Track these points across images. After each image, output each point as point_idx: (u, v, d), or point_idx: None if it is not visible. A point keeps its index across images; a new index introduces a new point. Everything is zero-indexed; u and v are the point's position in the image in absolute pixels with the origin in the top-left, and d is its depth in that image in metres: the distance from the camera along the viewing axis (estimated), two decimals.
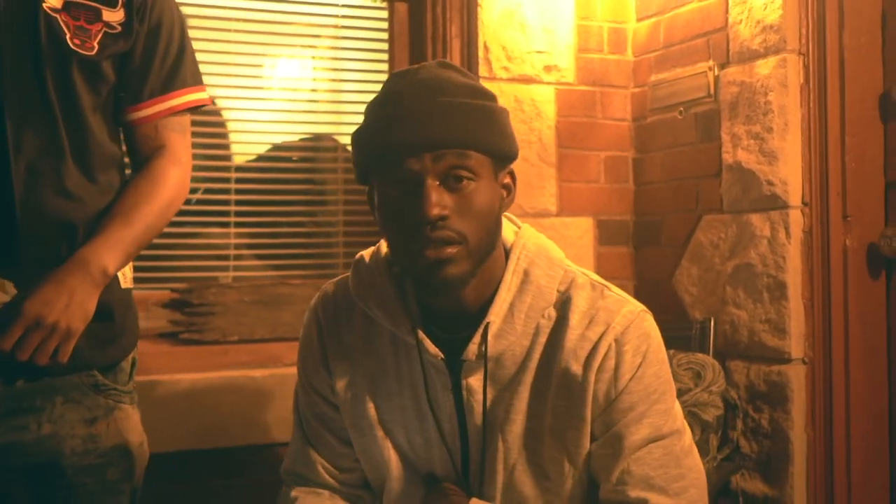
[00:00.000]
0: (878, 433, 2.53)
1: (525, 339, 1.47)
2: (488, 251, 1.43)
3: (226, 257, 2.88)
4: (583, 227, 2.98)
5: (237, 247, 2.89)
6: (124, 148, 1.78)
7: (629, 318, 1.47)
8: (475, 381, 1.49)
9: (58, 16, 1.60)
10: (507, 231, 1.53)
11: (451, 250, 1.37)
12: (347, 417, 1.59)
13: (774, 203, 2.53)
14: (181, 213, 2.78)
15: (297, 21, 2.95)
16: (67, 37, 1.60)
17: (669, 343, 2.58)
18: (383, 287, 1.52)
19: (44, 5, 1.58)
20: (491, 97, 1.45)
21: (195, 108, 1.82)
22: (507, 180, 1.48)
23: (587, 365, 1.44)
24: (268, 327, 2.73)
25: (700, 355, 2.55)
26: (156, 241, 2.74)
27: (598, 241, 3.03)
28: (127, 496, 1.75)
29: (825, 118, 2.50)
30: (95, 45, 1.63)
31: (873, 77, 2.52)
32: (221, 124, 2.91)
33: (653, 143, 2.99)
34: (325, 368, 1.59)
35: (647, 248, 3.02)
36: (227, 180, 2.89)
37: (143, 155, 1.75)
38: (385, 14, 3.02)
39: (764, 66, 2.56)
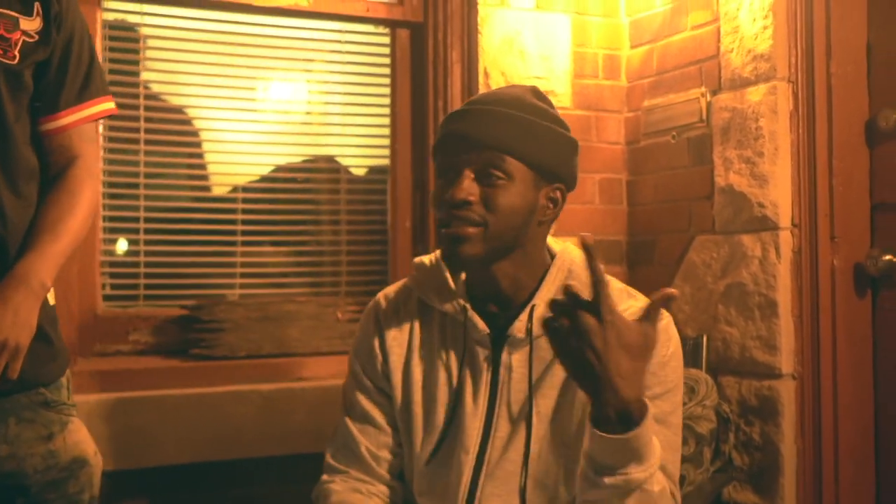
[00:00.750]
0: (865, 445, 2.62)
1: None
2: (509, 244, 1.64)
3: (232, 275, 2.96)
4: (577, 247, 3.06)
5: (243, 265, 2.97)
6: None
7: (660, 318, 1.61)
8: (514, 359, 1.67)
9: None
10: (555, 244, 1.76)
11: (470, 230, 1.60)
12: (397, 398, 1.75)
13: (765, 224, 2.63)
14: (190, 232, 2.89)
15: (301, 46, 3.04)
16: None
17: None
18: (439, 277, 1.74)
19: None
20: (557, 123, 1.69)
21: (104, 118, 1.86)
22: (556, 195, 1.69)
23: None
24: (274, 343, 2.81)
25: (693, 371, 2.64)
26: (165, 259, 2.86)
27: None
28: None
29: (813, 143, 2.60)
30: (17, 53, 1.63)
31: (859, 104, 2.63)
32: (228, 145, 2.99)
33: (646, 166, 3.09)
34: (382, 352, 1.77)
35: (640, 268, 3.12)
36: (234, 200, 2.97)
37: (58, 165, 1.75)
38: (387, 40, 3.11)
39: (755, 94, 2.67)
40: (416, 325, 1.76)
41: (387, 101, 3.12)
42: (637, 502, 1.44)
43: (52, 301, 1.74)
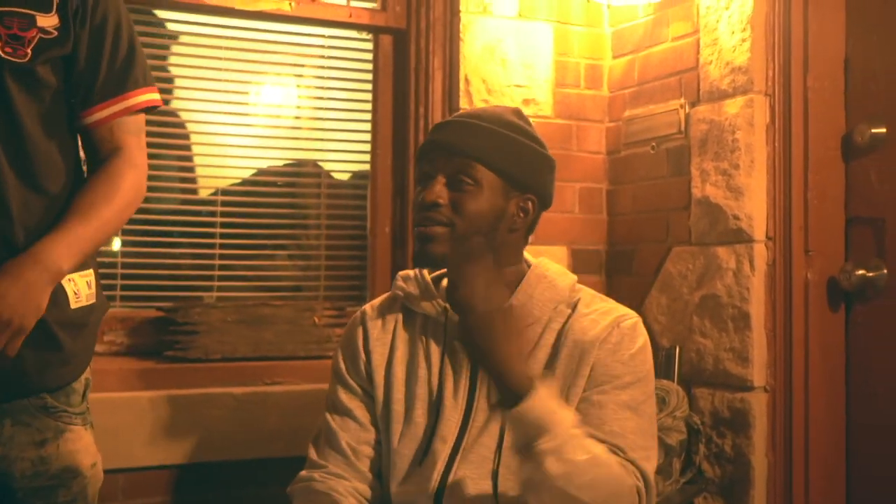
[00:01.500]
0: (836, 459, 2.62)
1: (539, 326, 1.77)
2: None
3: (210, 277, 2.96)
4: (557, 256, 3.07)
5: (221, 267, 2.97)
6: (82, 155, 1.79)
7: (630, 317, 1.78)
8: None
9: None
10: (531, 257, 1.87)
11: (437, 229, 1.72)
12: (379, 396, 1.83)
13: (740, 237, 2.64)
14: (168, 234, 2.89)
15: (284, 50, 3.04)
16: None
17: None
18: (422, 283, 1.85)
19: None
20: (531, 139, 1.81)
21: (149, 109, 1.82)
22: (526, 205, 1.80)
23: (594, 338, 1.71)
24: (250, 346, 2.81)
25: (665, 382, 2.64)
26: (142, 260, 2.86)
27: (573, 269, 3.09)
28: None
29: (789, 157, 2.60)
30: (29, 51, 1.61)
31: (836, 118, 2.63)
32: (209, 147, 3.00)
33: (626, 176, 3.10)
34: (365, 351, 1.86)
35: (619, 277, 3.12)
36: (213, 202, 2.97)
37: (99, 158, 1.74)
38: (370, 45, 3.11)
39: (732, 106, 2.67)
40: (400, 328, 1.86)
41: (368, 106, 3.12)
42: (557, 469, 1.50)
43: (76, 303, 1.71)
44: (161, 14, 2.86)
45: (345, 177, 3.22)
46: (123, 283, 2.85)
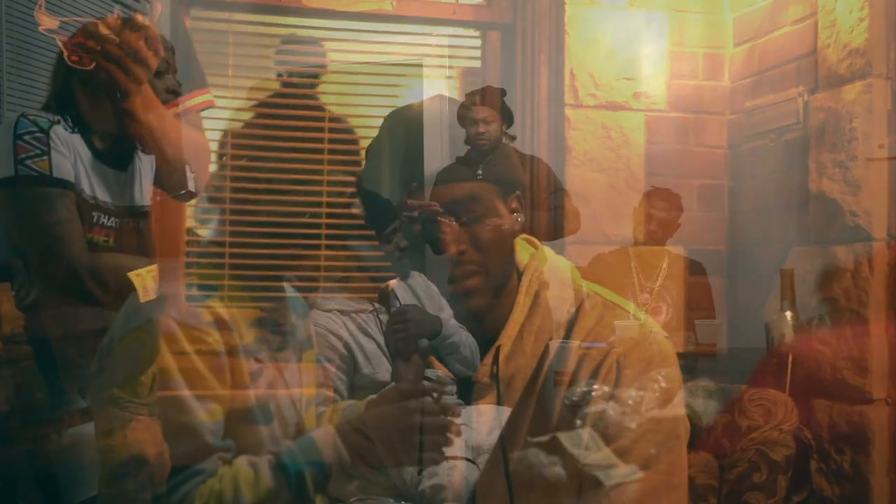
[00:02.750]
0: None
1: (533, 360, 1.50)
2: (502, 277, 1.51)
3: (315, 279, 2.97)
4: (672, 256, 2.91)
5: (327, 269, 2.97)
6: None
7: (633, 340, 1.47)
8: (483, 405, 1.52)
9: (55, 37, 1.66)
10: (524, 254, 1.56)
11: (473, 282, 1.49)
12: None
13: (858, 235, 2.41)
14: (274, 235, 2.91)
15: (405, 51, 3.02)
16: (65, 55, 1.66)
17: (750, 377, 2.51)
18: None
19: (40, 28, 1.64)
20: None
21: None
22: (516, 205, 1.53)
23: (590, 381, 1.44)
24: None
25: (773, 392, 2.44)
26: (249, 261, 2.89)
27: (689, 270, 2.94)
28: None
29: None
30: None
31: None
32: (311, 148, 3.01)
33: (746, 171, 2.90)
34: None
35: (740, 279, 2.93)
36: (318, 204, 2.97)
37: None
38: (477, 42, 3.05)
39: (850, 92, 2.45)
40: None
41: None
42: None
43: (145, 298, 1.81)
44: (261, 18, 2.89)
45: None
46: (231, 283, 2.89)
